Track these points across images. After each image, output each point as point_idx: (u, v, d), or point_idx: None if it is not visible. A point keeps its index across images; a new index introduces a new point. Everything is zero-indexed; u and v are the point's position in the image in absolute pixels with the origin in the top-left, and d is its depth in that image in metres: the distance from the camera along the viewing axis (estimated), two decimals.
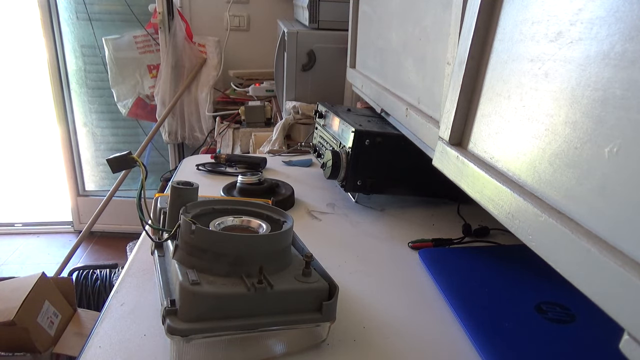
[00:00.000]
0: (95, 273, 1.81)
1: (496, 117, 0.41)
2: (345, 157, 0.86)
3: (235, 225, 0.56)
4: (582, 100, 0.30)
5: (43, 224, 2.84)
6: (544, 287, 0.64)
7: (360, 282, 0.67)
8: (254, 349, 0.51)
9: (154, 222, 0.61)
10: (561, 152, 0.32)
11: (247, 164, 1.14)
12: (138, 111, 2.42)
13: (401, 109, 0.74)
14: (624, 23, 0.27)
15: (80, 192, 2.79)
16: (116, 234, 2.72)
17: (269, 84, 1.98)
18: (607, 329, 0.27)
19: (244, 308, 0.46)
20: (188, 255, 0.49)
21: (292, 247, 0.57)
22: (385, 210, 0.93)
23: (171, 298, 0.45)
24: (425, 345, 0.55)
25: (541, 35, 0.35)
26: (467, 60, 0.44)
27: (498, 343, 0.54)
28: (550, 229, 0.31)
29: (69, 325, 1.53)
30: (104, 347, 0.52)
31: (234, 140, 1.89)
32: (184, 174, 1.10)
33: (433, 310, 0.62)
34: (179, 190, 0.56)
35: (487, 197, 0.40)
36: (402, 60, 0.77)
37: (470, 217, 0.88)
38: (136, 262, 0.69)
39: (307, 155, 1.26)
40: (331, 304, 0.50)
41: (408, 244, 0.79)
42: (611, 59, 0.28)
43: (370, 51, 0.99)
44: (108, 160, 0.41)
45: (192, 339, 0.45)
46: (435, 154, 0.52)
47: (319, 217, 0.89)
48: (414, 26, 0.71)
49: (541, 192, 0.34)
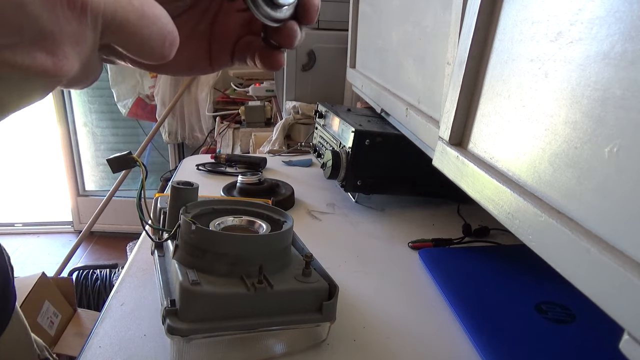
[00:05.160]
0: (95, 273, 1.81)
1: (496, 117, 0.41)
2: (345, 157, 0.87)
3: (235, 225, 0.56)
4: (582, 100, 0.30)
5: (43, 224, 2.84)
6: (544, 287, 0.64)
7: (360, 282, 0.67)
8: (254, 349, 0.51)
9: (154, 222, 0.61)
10: (561, 152, 0.32)
11: (247, 164, 1.14)
12: (138, 111, 2.42)
13: (401, 109, 0.74)
14: (624, 23, 0.27)
15: (80, 192, 2.79)
16: (116, 234, 2.72)
17: (269, 84, 1.98)
18: (607, 329, 0.27)
19: (244, 308, 0.46)
20: (188, 255, 0.49)
21: (292, 247, 0.57)
22: (385, 210, 0.93)
23: (171, 298, 0.45)
24: (425, 345, 0.55)
25: (541, 35, 0.35)
26: (467, 60, 0.44)
27: (498, 343, 0.54)
28: (550, 229, 0.31)
29: (69, 325, 1.53)
30: (104, 347, 0.52)
31: (234, 140, 1.89)
32: (184, 174, 1.10)
33: (433, 310, 0.62)
34: (179, 190, 0.56)
35: (487, 197, 0.40)
36: (402, 60, 0.77)
37: (470, 217, 0.88)
38: (136, 262, 0.69)
39: (307, 155, 1.26)
40: (331, 304, 0.50)
41: (408, 244, 0.79)
42: (611, 59, 0.28)
43: (370, 51, 0.99)
44: (108, 160, 0.41)
45: (192, 339, 0.45)
46: (435, 154, 0.52)
47: (319, 217, 0.89)
48: (414, 26, 0.71)
49: (541, 192, 0.34)
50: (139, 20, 0.23)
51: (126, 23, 0.22)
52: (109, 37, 0.22)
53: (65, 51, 0.20)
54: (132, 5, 0.22)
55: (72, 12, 0.20)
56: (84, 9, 0.20)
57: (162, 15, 0.24)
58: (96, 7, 0.20)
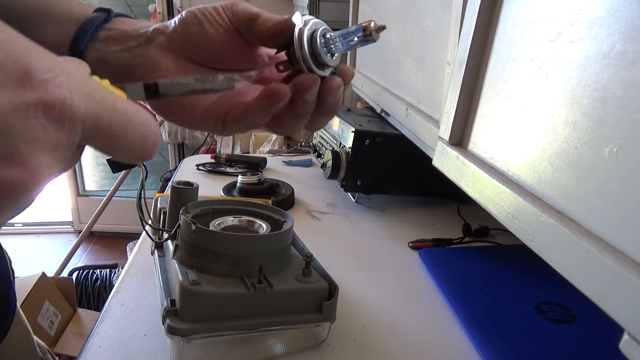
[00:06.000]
0: (95, 273, 1.81)
1: (496, 117, 0.41)
2: (345, 157, 0.86)
3: (235, 225, 0.56)
4: (582, 100, 0.30)
5: (43, 224, 2.84)
6: (544, 287, 0.64)
7: (360, 282, 0.67)
8: (254, 349, 0.51)
9: (154, 222, 0.61)
10: (561, 152, 0.32)
11: (247, 164, 1.14)
12: None
13: (401, 109, 0.74)
14: (624, 23, 0.27)
15: (80, 192, 2.79)
16: (116, 234, 2.72)
17: None
18: (607, 329, 0.27)
19: (244, 308, 0.46)
20: (188, 255, 0.49)
21: (292, 247, 0.57)
22: (385, 210, 0.93)
23: (171, 298, 0.45)
24: (425, 345, 0.55)
25: (541, 35, 0.35)
26: (467, 60, 0.44)
27: (498, 343, 0.54)
28: (550, 229, 0.31)
29: (69, 325, 1.53)
30: (104, 347, 0.52)
31: (234, 140, 1.89)
32: (184, 174, 1.10)
33: (433, 310, 0.62)
34: (179, 190, 0.56)
35: (487, 197, 0.40)
36: (402, 60, 0.77)
37: (470, 217, 0.88)
38: (136, 262, 0.69)
39: (307, 155, 1.26)
40: (331, 304, 0.50)
41: (408, 244, 0.79)
42: (611, 59, 0.28)
43: (370, 51, 0.99)
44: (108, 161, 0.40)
45: (192, 339, 0.45)
46: (435, 154, 0.52)
47: (319, 217, 0.89)
48: (414, 26, 0.71)
49: (541, 192, 0.34)
50: (124, 125, 0.21)
51: (109, 129, 0.21)
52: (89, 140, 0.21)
53: (40, 160, 0.19)
54: (116, 111, 0.21)
55: (47, 120, 0.18)
56: (61, 118, 0.19)
57: (148, 118, 0.23)
58: (76, 114, 0.19)
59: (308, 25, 0.31)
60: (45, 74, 0.18)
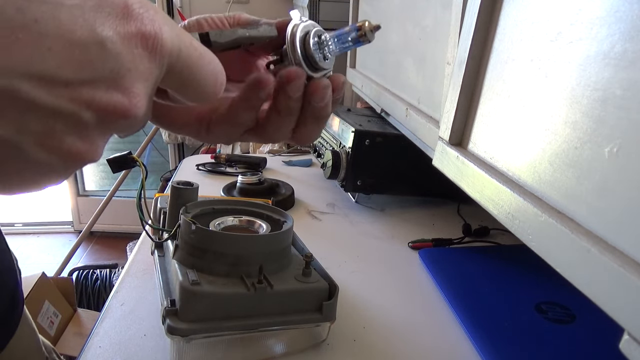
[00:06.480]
0: (95, 273, 1.81)
1: (496, 117, 0.41)
2: (345, 157, 0.87)
3: (235, 225, 0.56)
4: (582, 100, 0.30)
5: (43, 224, 2.84)
6: (544, 287, 0.64)
7: (360, 282, 0.67)
8: (254, 349, 0.51)
9: (154, 222, 0.62)
10: (561, 152, 0.32)
11: (247, 164, 1.14)
12: None
13: (401, 109, 0.74)
14: (624, 23, 0.27)
15: (80, 192, 2.79)
16: (116, 234, 2.72)
17: None
18: (607, 329, 0.27)
19: (244, 308, 0.46)
20: (188, 255, 0.49)
21: (292, 247, 0.57)
22: (385, 210, 0.93)
23: (171, 298, 0.45)
24: (425, 345, 0.55)
25: (541, 35, 0.35)
26: (467, 60, 0.44)
27: (498, 343, 0.54)
28: (550, 229, 0.31)
29: (69, 325, 1.53)
30: (104, 347, 0.52)
31: None
32: (184, 174, 1.10)
33: (433, 310, 0.62)
34: (179, 190, 0.56)
35: (487, 197, 0.40)
36: (402, 60, 0.77)
37: (470, 217, 0.88)
38: (136, 262, 0.69)
39: (307, 155, 1.26)
40: (331, 304, 0.50)
41: (408, 244, 0.79)
42: (611, 59, 0.28)
43: (370, 51, 0.99)
44: (108, 161, 0.40)
45: (192, 339, 0.45)
46: (435, 154, 0.52)
47: (319, 217, 0.89)
48: (414, 26, 0.71)
49: (541, 192, 0.34)
50: (199, 59, 0.24)
51: (188, 61, 0.23)
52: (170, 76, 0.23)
53: (139, 89, 0.21)
54: (193, 46, 0.23)
55: (144, 51, 0.20)
56: (155, 47, 0.21)
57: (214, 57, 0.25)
58: (164, 46, 0.21)
59: (301, 25, 0.31)
60: (141, 9, 0.20)
